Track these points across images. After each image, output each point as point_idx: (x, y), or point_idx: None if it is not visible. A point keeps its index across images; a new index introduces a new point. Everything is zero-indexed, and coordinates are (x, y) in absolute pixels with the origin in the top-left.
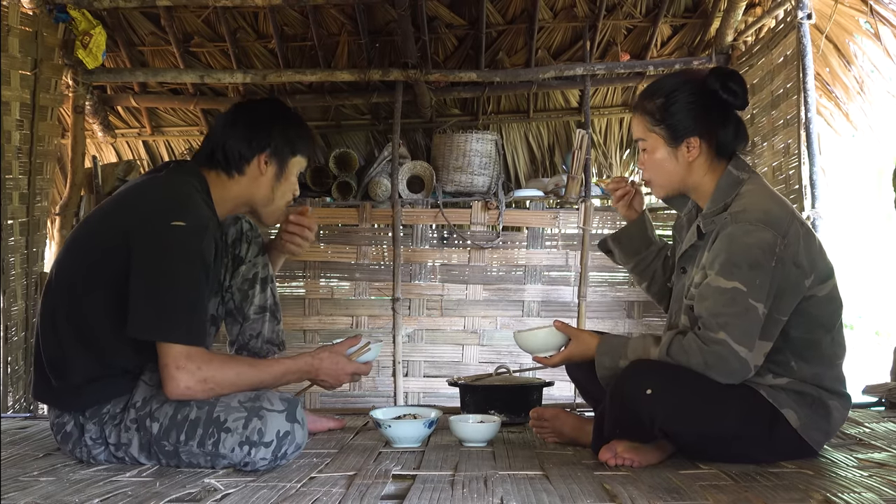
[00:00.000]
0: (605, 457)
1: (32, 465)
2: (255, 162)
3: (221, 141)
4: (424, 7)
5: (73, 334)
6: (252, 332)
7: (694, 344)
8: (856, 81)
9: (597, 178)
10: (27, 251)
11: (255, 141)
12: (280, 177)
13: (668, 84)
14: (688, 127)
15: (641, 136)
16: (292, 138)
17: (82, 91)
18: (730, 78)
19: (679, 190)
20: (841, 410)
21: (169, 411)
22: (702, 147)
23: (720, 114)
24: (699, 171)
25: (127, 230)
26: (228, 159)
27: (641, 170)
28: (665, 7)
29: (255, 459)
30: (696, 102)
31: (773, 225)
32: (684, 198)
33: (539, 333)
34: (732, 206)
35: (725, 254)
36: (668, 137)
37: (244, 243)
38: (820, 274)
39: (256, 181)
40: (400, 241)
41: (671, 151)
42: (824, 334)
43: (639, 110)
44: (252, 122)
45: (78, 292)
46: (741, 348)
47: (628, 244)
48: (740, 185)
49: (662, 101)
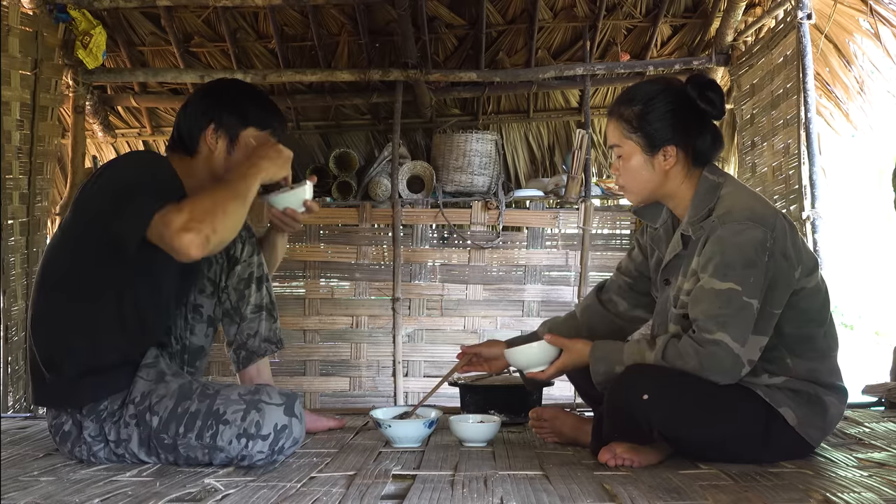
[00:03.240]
0: (604, 458)
1: (32, 465)
2: (203, 137)
3: (177, 122)
4: (424, 7)
5: (66, 326)
6: (250, 331)
7: (690, 347)
8: (856, 81)
9: (597, 178)
10: (27, 251)
11: (200, 116)
12: (231, 150)
13: (646, 91)
14: (665, 136)
15: (616, 143)
16: (242, 110)
17: (82, 91)
18: (708, 87)
19: (653, 197)
20: (837, 406)
21: (169, 405)
22: (678, 156)
23: (697, 123)
24: (675, 180)
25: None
26: (182, 139)
27: (615, 175)
28: (665, 7)
29: (252, 453)
30: (673, 111)
31: (760, 221)
32: (656, 207)
33: (531, 348)
34: (716, 210)
35: (719, 256)
36: (645, 145)
37: (238, 243)
38: (806, 266)
39: (210, 157)
40: (400, 241)
41: (647, 159)
42: (817, 328)
43: (615, 116)
44: (200, 99)
45: (66, 283)
46: (736, 345)
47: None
48: (718, 188)
49: (640, 109)
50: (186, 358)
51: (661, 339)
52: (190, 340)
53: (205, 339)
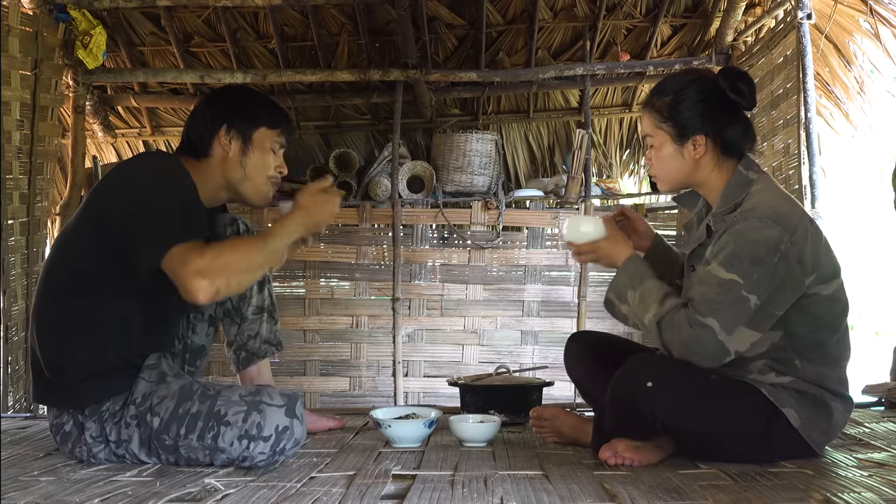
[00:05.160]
0: (604, 455)
1: (32, 465)
2: (216, 140)
3: (187, 128)
4: (424, 7)
5: (69, 330)
6: (250, 332)
7: (683, 323)
8: (856, 81)
9: (597, 178)
10: (27, 251)
11: (212, 120)
12: (246, 151)
13: (677, 82)
14: (694, 125)
15: (649, 133)
16: (252, 111)
17: (82, 91)
18: (738, 78)
19: (684, 185)
20: (842, 412)
21: (170, 406)
22: (708, 145)
23: (727, 113)
24: (705, 169)
25: (106, 200)
26: (194, 144)
27: (648, 165)
28: (665, 7)
29: (253, 454)
30: (703, 101)
31: (781, 222)
32: (695, 196)
33: (581, 219)
34: (743, 206)
35: (731, 247)
36: (675, 135)
37: None
38: (823, 273)
39: (225, 160)
40: (400, 241)
41: (677, 149)
42: (830, 335)
43: (648, 107)
44: (210, 104)
45: (70, 288)
46: (723, 333)
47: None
48: (750, 184)
49: (671, 99)
50: (188, 357)
51: (671, 302)
52: (191, 339)
53: (206, 339)
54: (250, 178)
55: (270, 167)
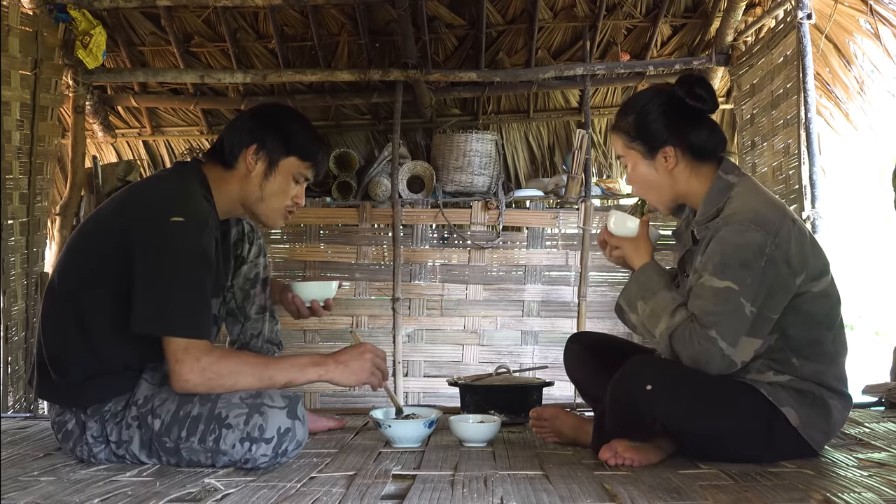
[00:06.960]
0: (605, 456)
1: (32, 465)
2: (243, 155)
3: (224, 132)
4: (424, 7)
5: (75, 334)
6: (253, 331)
7: (691, 337)
8: (856, 81)
9: (597, 178)
10: (27, 251)
11: (247, 134)
12: (269, 174)
13: (637, 101)
14: (661, 137)
15: (622, 154)
16: (289, 137)
17: (82, 91)
18: (696, 84)
19: (674, 201)
20: (842, 411)
21: (171, 408)
22: (677, 154)
23: (691, 121)
24: (682, 178)
25: (126, 228)
26: (223, 150)
27: (632, 188)
28: (665, 7)
29: (255, 456)
30: (665, 113)
31: (762, 225)
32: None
33: (627, 216)
34: (724, 211)
35: (718, 256)
36: (645, 151)
37: (245, 244)
38: (812, 271)
39: (247, 177)
40: (400, 241)
41: (650, 164)
42: (826, 332)
43: (615, 130)
44: (249, 117)
45: (80, 293)
46: (726, 345)
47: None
48: (730, 188)
49: (634, 118)
50: None
51: (682, 313)
52: None
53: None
54: (266, 201)
55: (289, 196)
